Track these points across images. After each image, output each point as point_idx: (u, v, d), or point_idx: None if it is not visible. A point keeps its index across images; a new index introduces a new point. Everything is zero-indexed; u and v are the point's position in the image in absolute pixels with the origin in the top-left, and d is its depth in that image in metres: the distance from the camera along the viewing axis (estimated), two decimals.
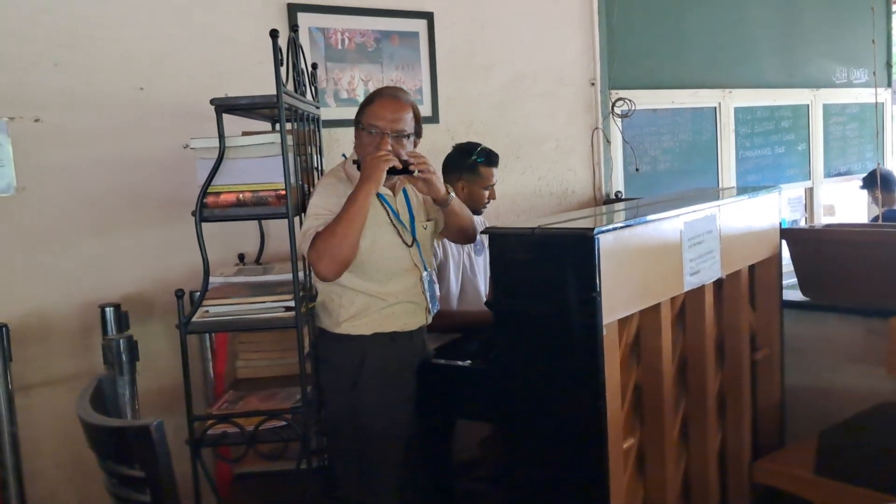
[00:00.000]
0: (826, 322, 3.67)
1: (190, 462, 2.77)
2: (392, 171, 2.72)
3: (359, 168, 2.76)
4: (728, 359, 3.40)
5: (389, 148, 2.75)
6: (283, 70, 2.70)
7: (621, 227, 2.58)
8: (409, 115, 2.85)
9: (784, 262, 3.67)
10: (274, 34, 2.63)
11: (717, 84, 5.76)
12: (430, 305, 2.97)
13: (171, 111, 3.40)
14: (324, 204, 2.71)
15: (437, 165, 3.67)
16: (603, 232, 2.44)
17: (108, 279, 3.30)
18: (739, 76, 5.91)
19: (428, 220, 3.02)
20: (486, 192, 3.58)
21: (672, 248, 2.85)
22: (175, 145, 3.36)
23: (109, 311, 3.15)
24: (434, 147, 3.80)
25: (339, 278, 2.72)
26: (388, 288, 2.83)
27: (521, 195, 4.64)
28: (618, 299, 2.52)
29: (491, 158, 3.59)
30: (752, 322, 3.51)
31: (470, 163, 3.56)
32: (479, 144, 3.62)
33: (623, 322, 2.67)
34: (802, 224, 6.30)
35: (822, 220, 6.49)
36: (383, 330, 2.85)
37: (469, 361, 2.97)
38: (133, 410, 2.92)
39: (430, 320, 3.02)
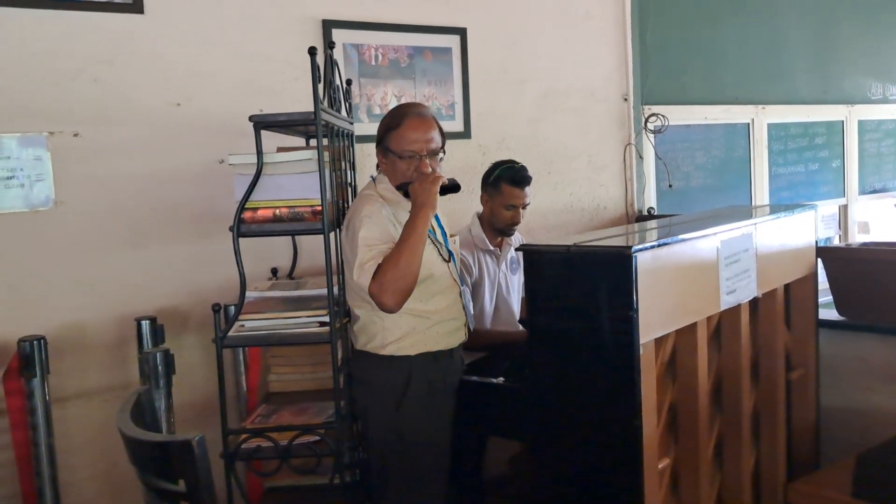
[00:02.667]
0: (862, 342, 3.62)
1: (223, 475, 2.78)
2: (443, 191, 2.73)
3: (405, 194, 2.76)
4: (763, 378, 3.36)
5: (430, 169, 2.76)
6: (319, 87, 2.71)
7: (658, 246, 2.56)
8: (437, 131, 2.84)
9: (820, 281, 3.64)
10: (312, 52, 2.65)
11: (751, 100, 5.74)
12: (469, 321, 2.97)
13: (207, 126, 3.43)
14: (374, 235, 2.66)
15: (469, 180, 3.72)
16: (641, 250, 2.42)
17: (144, 292, 3.33)
18: (773, 92, 5.88)
19: (452, 235, 3.01)
20: (509, 213, 3.49)
21: (709, 266, 2.83)
22: (210, 160, 3.40)
23: (145, 324, 3.17)
24: (465, 163, 3.82)
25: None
26: (431, 306, 2.81)
27: (553, 211, 4.63)
28: (655, 318, 2.50)
29: (516, 178, 3.49)
30: (787, 341, 3.48)
31: (493, 178, 3.52)
32: (514, 163, 3.57)
33: (659, 341, 2.65)
34: (836, 242, 6.24)
35: (856, 237, 6.43)
36: (428, 349, 2.82)
37: (502, 379, 2.97)
38: (168, 424, 2.93)
39: (467, 337, 3.01)
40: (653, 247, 2.53)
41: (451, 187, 2.77)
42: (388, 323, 2.78)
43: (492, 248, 3.53)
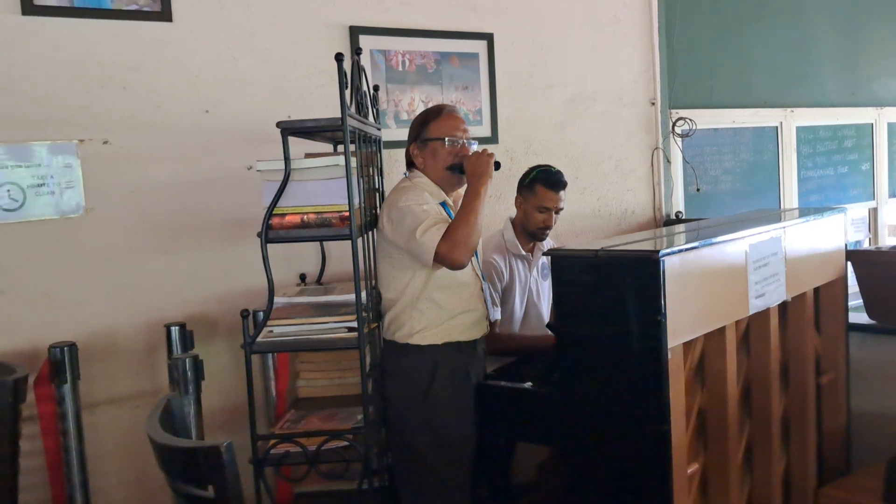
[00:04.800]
0: (893, 346, 3.58)
1: (252, 481, 2.78)
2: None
3: (459, 171, 2.90)
4: (792, 383, 3.34)
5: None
6: (346, 93, 2.72)
7: (686, 250, 2.55)
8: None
9: (850, 285, 3.60)
10: (339, 58, 2.66)
11: (779, 103, 5.70)
12: (489, 314, 3.05)
13: (235, 133, 3.45)
14: (427, 208, 2.80)
15: (497, 185, 3.71)
16: (668, 254, 2.42)
17: (173, 298, 3.34)
18: (801, 95, 5.84)
19: None
20: (541, 216, 3.49)
21: (737, 270, 2.81)
22: (239, 166, 3.41)
23: (175, 329, 3.19)
24: None
25: (420, 289, 2.84)
26: (455, 297, 2.90)
27: (580, 215, 4.62)
28: (683, 323, 2.49)
29: (551, 180, 3.49)
30: (817, 346, 3.45)
31: (529, 180, 3.53)
32: (550, 167, 3.57)
33: (687, 346, 2.64)
34: (866, 245, 6.18)
35: (886, 240, 6.37)
36: (452, 339, 2.90)
37: (530, 384, 2.96)
38: (197, 429, 2.94)
39: (488, 329, 3.06)
40: (681, 251, 2.52)
41: (495, 164, 2.90)
42: (416, 313, 2.88)
43: (524, 253, 3.52)
